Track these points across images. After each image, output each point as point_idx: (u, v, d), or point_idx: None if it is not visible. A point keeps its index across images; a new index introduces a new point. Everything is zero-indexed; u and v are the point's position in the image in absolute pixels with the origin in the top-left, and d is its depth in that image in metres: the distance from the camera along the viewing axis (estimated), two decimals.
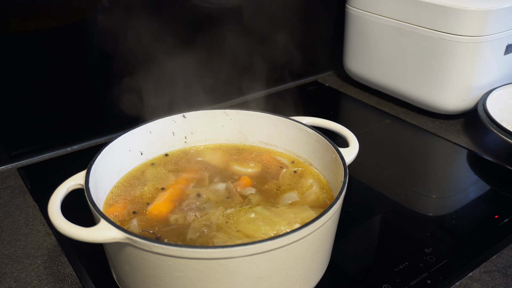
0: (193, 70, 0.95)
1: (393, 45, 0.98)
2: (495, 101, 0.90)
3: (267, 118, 0.68)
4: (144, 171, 0.64)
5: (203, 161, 0.67)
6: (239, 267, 0.44)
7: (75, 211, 0.52)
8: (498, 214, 0.70)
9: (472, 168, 0.84)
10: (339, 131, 0.65)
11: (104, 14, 0.83)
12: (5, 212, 0.72)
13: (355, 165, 0.61)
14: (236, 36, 1.00)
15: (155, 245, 0.43)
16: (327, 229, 0.50)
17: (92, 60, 0.86)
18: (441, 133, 0.93)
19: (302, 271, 0.50)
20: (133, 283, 0.50)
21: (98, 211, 0.48)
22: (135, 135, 0.63)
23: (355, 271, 0.61)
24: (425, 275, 0.59)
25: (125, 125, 0.67)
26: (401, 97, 1.03)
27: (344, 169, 0.54)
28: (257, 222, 0.53)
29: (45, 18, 0.78)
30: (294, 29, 0.99)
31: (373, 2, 0.99)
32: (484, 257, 0.62)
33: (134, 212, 0.57)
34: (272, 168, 0.66)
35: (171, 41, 0.89)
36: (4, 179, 0.80)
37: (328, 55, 1.21)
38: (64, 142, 0.88)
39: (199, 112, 0.69)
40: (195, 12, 0.93)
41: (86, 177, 0.52)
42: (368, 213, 0.71)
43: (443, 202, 0.75)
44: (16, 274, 0.60)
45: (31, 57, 0.79)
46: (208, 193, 0.60)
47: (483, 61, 0.89)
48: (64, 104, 0.86)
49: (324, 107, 1.07)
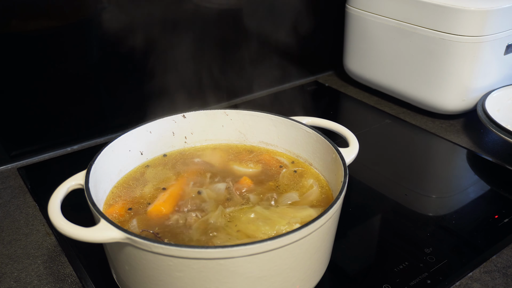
0: (193, 70, 0.95)
1: (393, 45, 0.98)
2: (494, 102, 0.90)
3: (267, 118, 0.68)
4: (144, 171, 0.64)
5: (203, 161, 0.67)
6: (239, 267, 0.44)
7: (75, 211, 0.52)
8: (498, 214, 0.70)
9: (472, 168, 0.84)
10: (339, 131, 0.65)
11: (104, 14, 0.83)
12: (5, 212, 0.72)
13: (355, 165, 0.61)
14: (236, 36, 1.00)
15: (155, 245, 0.43)
16: (327, 229, 0.50)
17: (92, 60, 0.86)
18: (441, 133, 0.93)
19: (302, 271, 0.50)
20: (133, 283, 0.50)
21: (98, 211, 0.48)
22: (135, 135, 0.63)
23: (355, 271, 0.61)
24: (425, 275, 0.59)
25: (125, 125, 0.67)
26: (401, 97, 1.03)
27: (344, 169, 0.54)
28: (257, 222, 0.53)
29: (45, 18, 0.78)
30: (294, 29, 0.99)
31: (373, 2, 0.99)
32: (484, 257, 0.62)
33: (134, 212, 0.57)
34: (272, 168, 0.66)
35: (172, 40, 0.89)
36: (4, 179, 0.80)
37: (328, 55, 1.21)
38: (64, 142, 0.88)
39: (199, 112, 0.69)
40: (196, 12, 0.93)
41: (86, 177, 0.52)
42: (368, 213, 0.71)
43: (443, 202, 0.75)
44: (16, 274, 0.60)
45: (31, 57, 0.79)
46: (208, 193, 0.60)
47: (483, 61, 0.89)
48: (64, 104, 0.86)
49: (324, 107, 1.07)
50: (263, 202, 0.58)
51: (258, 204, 0.57)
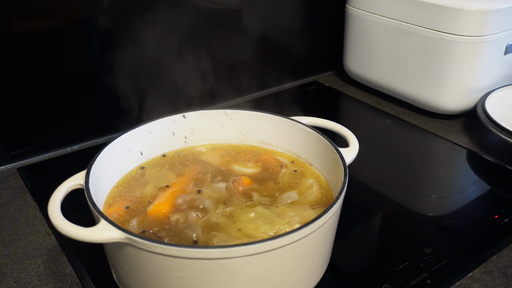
0: (193, 69, 0.95)
1: (393, 45, 0.98)
2: (494, 102, 0.90)
3: (267, 118, 0.68)
4: (144, 171, 0.64)
5: (203, 161, 0.67)
6: (239, 267, 0.44)
7: (75, 211, 0.52)
8: (498, 214, 0.70)
9: (472, 168, 0.84)
10: (339, 131, 0.65)
11: (104, 14, 0.83)
12: (5, 212, 0.72)
13: (355, 165, 0.61)
14: (236, 36, 1.00)
15: (155, 245, 0.43)
16: (327, 229, 0.50)
17: (92, 60, 0.86)
18: (441, 133, 0.93)
19: (302, 271, 0.50)
20: (133, 283, 0.50)
21: (98, 211, 0.48)
22: (135, 135, 0.63)
23: (355, 271, 0.61)
24: (425, 275, 0.58)
25: (125, 125, 0.67)
26: (401, 97, 1.03)
27: (344, 169, 0.54)
28: (256, 222, 0.53)
29: (45, 18, 0.78)
30: (294, 29, 0.99)
31: (373, 2, 0.99)
32: (484, 257, 0.62)
33: (134, 212, 0.57)
34: (272, 168, 0.66)
35: (173, 40, 0.89)
36: (4, 179, 0.80)
37: (328, 55, 1.21)
38: (64, 142, 0.88)
39: (199, 112, 0.69)
40: (196, 12, 0.93)
41: (86, 177, 0.52)
42: (368, 213, 0.71)
43: (443, 202, 0.75)
44: (16, 274, 0.60)
45: (31, 57, 0.79)
46: (208, 193, 0.60)
47: (483, 61, 0.89)
48: (64, 104, 0.86)
49: (324, 107, 1.07)
50: (263, 202, 0.58)
51: (258, 204, 0.57)
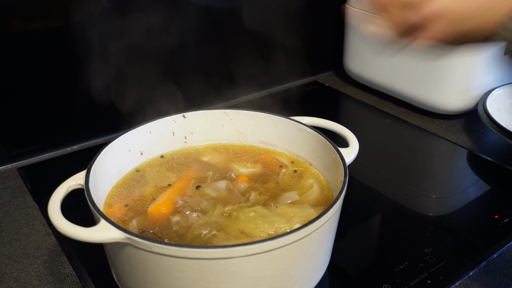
0: (193, 69, 0.95)
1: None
2: (495, 101, 0.90)
3: (267, 118, 0.68)
4: (144, 171, 0.64)
5: (203, 161, 0.67)
6: (239, 267, 0.44)
7: (75, 211, 0.52)
8: (498, 214, 0.70)
9: (472, 168, 0.84)
10: (339, 131, 0.65)
11: (104, 14, 0.83)
12: (5, 212, 0.72)
13: (355, 165, 0.61)
14: (236, 36, 1.00)
15: (155, 245, 0.43)
16: (327, 229, 0.50)
17: (92, 60, 0.86)
18: (441, 133, 0.93)
19: (302, 271, 0.50)
20: (133, 283, 0.50)
21: (98, 211, 0.48)
22: (135, 135, 0.63)
23: (355, 271, 0.61)
24: (425, 275, 0.58)
25: (125, 125, 0.67)
26: (401, 97, 1.03)
27: (344, 169, 0.54)
28: (256, 221, 0.53)
29: (45, 18, 0.78)
30: (294, 29, 0.99)
31: None
32: (484, 257, 0.62)
33: (134, 212, 0.57)
34: (272, 168, 0.66)
35: (173, 40, 0.89)
36: (4, 179, 0.80)
37: (328, 55, 1.21)
38: (64, 142, 0.88)
39: (199, 112, 0.69)
40: (196, 11, 0.93)
41: (86, 177, 0.52)
42: (368, 213, 0.71)
43: (443, 202, 0.75)
44: (16, 274, 0.60)
45: (31, 57, 0.79)
46: (208, 193, 0.60)
47: (483, 61, 0.89)
48: (64, 104, 0.86)
49: (324, 107, 1.07)
50: (263, 202, 0.58)
51: (258, 204, 0.57)
